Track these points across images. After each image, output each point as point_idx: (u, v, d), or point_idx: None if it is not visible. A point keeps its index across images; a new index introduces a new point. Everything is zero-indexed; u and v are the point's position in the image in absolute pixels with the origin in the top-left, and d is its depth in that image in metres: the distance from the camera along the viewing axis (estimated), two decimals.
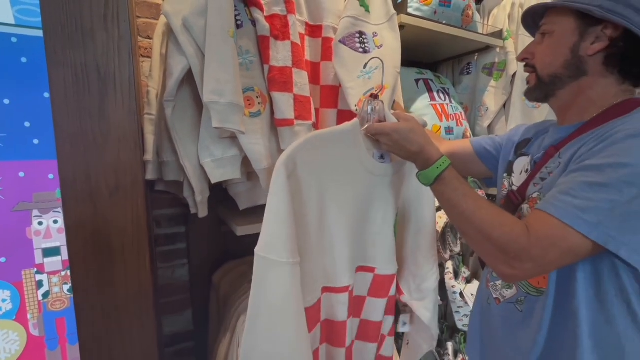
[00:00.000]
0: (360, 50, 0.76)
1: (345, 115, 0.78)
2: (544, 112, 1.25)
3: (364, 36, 0.77)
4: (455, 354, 1.29)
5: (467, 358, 1.29)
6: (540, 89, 0.62)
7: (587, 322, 0.54)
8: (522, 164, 0.69)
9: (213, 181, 0.64)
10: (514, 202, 0.65)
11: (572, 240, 0.48)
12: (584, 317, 0.54)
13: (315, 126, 0.75)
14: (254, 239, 1.19)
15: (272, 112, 0.68)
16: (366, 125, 0.63)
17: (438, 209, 0.98)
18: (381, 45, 0.78)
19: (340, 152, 0.60)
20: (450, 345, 1.27)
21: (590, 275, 0.53)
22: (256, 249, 0.53)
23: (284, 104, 0.66)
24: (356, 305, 0.71)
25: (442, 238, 1.14)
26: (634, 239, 0.46)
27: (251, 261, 1.07)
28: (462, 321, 1.20)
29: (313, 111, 0.74)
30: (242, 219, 0.83)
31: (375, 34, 0.78)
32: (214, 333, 1.01)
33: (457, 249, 1.16)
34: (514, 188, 0.68)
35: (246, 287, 0.92)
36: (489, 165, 0.81)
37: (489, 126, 1.31)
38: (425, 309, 0.76)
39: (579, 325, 0.54)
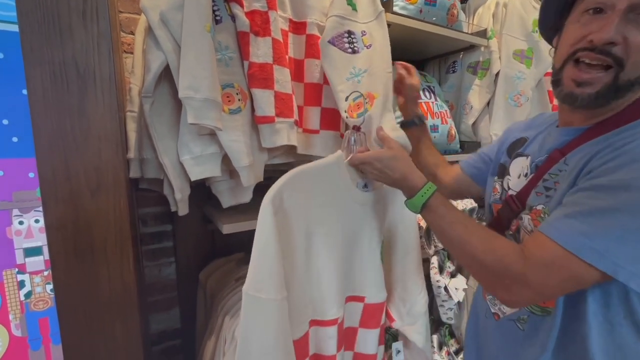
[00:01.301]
0: (349, 50, 0.76)
1: (329, 113, 0.79)
2: (525, 111, 1.28)
3: (352, 36, 0.76)
4: (440, 347, 1.32)
5: (451, 350, 1.32)
6: (610, 93, 0.48)
7: (598, 344, 0.50)
8: (519, 166, 0.63)
9: (192, 179, 0.65)
10: (512, 209, 0.59)
11: (576, 269, 0.43)
12: (594, 340, 0.49)
13: (298, 124, 0.76)
14: (240, 236, 1.19)
15: (253, 109, 0.68)
16: (350, 157, 0.65)
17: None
18: (370, 45, 0.78)
19: (326, 184, 0.62)
20: (435, 338, 1.30)
21: (600, 298, 0.49)
22: (244, 288, 0.54)
23: (264, 101, 0.66)
24: (348, 338, 0.71)
25: (426, 234, 1.16)
26: None
27: (237, 258, 1.08)
28: (446, 314, 1.23)
29: (295, 109, 0.74)
30: (227, 217, 0.83)
31: (363, 33, 0.78)
32: (201, 330, 1.01)
33: (441, 245, 1.19)
34: (512, 192, 0.62)
35: (232, 285, 0.93)
36: (482, 184, 0.77)
37: (474, 124, 1.34)
38: (417, 333, 0.76)
39: (588, 349, 0.50)
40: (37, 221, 0.57)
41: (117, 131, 0.56)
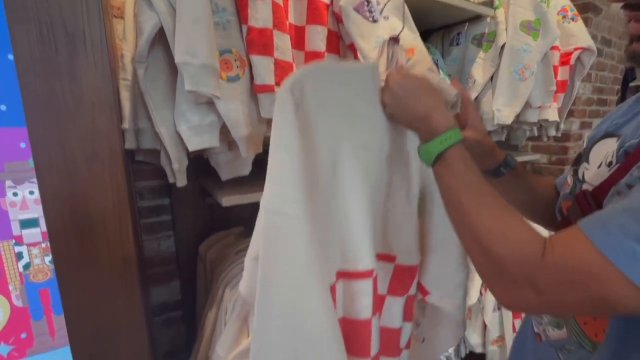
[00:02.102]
0: (370, 19, 0.72)
1: None
2: (529, 85, 1.25)
3: (370, 4, 0.73)
4: None
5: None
6: None
7: None
8: (602, 152, 0.46)
9: (190, 149, 0.63)
10: (583, 210, 0.43)
11: (610, 286, 0.31)
12: None
13: None
14: (239, 210, 1.19)
15: (252, 77, 0.65)
16: (389, 70, 0.50)
17: None
18: (387, 17, 0.75)
19: (358, 95, 0.47)
20: None
21: None
22: (264, 202, 0.42)
23: (264, 69, 0.63)
24: (377, 305, 0.54)
25: None
26: None
27: (237, 232, 1.09)
28: None
29: None
30: (227, 190, 0.82)
31: (378, 2, 0.75)
32: (202, 302, 1.03)
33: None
34: (588, 187, 0.45)
35: (232, 258, 0.93)
36: None
37: (476, 99, 1.31)
38: (454, 307, 0.63)
39: None
40: (31, 192, 0.55)
41: (111, 96, 0.54)
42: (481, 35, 1.26)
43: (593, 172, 0.46)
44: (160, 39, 0.59)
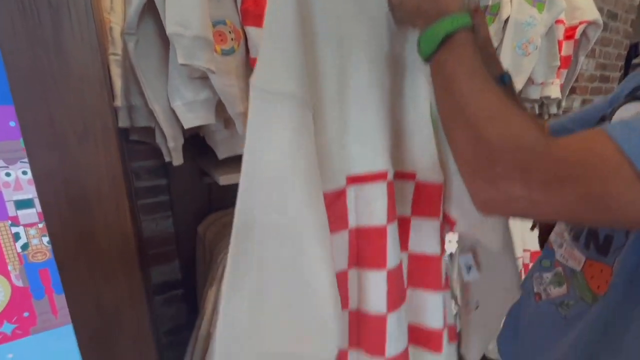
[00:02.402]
0: None
1: None
2: (533, 60, 1.22)
3: None
4: None
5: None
6: None
7: None
8: (630, 113, 0.44)
9: (186, 126, 0.61)
10: None
11: (618, 183, 0.28)
12: None
13: None
14: (237, 189, 1.18)
15: (247, 50, 0.63)
16: None
17: None
18: None
19: None
20: None
21: None
22: (252, 79, 0.37)
23: (260, 41, 0.61)
24: (399, 230, 0.48)
25: None
26: None
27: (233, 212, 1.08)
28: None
29: None
30: (224, 169, 0.81)
31: None
32: (202, 280, 1.04)
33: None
34: None
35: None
36: None
37: None
38: (492, 230, 0.52)
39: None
40: (24, 173, 0.54)
41: (100, 71, 0.51)
42: (484, 8, 1.22)
43: None
44: (150, 9, 0.56)
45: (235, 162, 0.89)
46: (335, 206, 0.43)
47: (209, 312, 0.87)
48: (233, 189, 1.17)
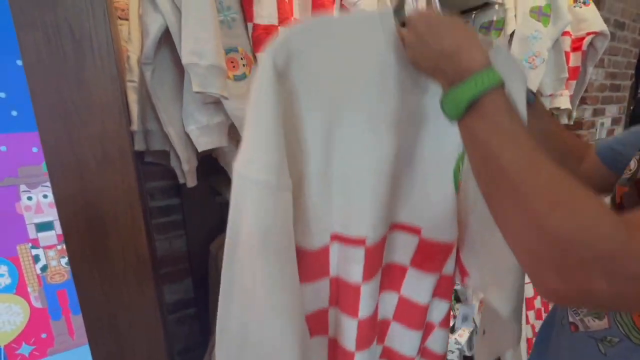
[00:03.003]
0: None
1: None
2: (540, 74, 1.22)
3: None
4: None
5: (456, 313, 1.31)
6: None
7: None
8: None
9: (200, 149, 0.63)
10: None
11: None
12: None
13: None
14: None
15: None
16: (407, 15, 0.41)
17: None
18: None
19: (364, 50, 0.41)
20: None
21: None
22: (235, 163, 0.40)
23: None
24: (392, 276, 0.53)
25: None
26: None
27: None
28: None
29: None
30: None
31: None
32: (215, 299, 1.03)
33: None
34: None
35: None
36: (620, 172, 0.49)
37: None
38: (501, 297, 0.52)
39: None
40: (45, 196, 0.56)
41: (119, 99, 0.54)
42: (489, 23, 1.23)
43: None
44: (166, 40, 0.59)
45: None
46: (319, 259, 0.47)
47: None
48: None
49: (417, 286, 0.53)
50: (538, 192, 0.29)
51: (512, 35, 1.19)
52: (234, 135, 0.68)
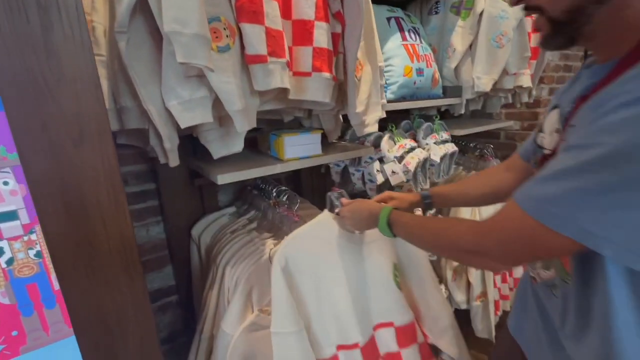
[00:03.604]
0: None
1: (321, 54, 0.75)
2: (507, 52, 1.28)
3: None
4: None
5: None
6: (561, 35, 0.46)
7: (624, 324, 0.45)
8: (552, 121, 0.54)
9: (182, 126, 0.60)
10: None
11: (544, 238, 0.40)
12: (619, 319, 0.45)
13: (289, 65, 0.71)
14: (229, 190, 1.17)
15: (242, 47, 0.62)
16: (337, 210, 0.80)
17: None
18: None
19: (324, 237, 0.75)
20: None
21: (623, 270, 0.43)
22: (271, 328, 0.69)
23: (255, 38, 0.61)
24: (393, 357, 0.80)
25: (414, 178, 1.19)
26: (619, 235, 0.36)
27: (230, 212, 1.07)
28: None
29: (286, 48, 0.69)
30: (220, 168, 0.80)
31: None
32: (198, 285, 1.02)
33: (427, 186, 1.23)
34: (547, 152, 0.55)
35: (229, 237, 0.92)
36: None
37: (456, 68, 1.33)
38: (449, 344, 0.83)
39: (610, 329, 0.46)
40: (6, 183, 0.51)
41: (94, 71, 0.49)
42: (459, 3, 1.27)
43: (548, 139, 0.56)
44: (141, 5, 0.54)
45: (229, 162, 0.88)
46: None
47: (210, 314, 0.86)
48: (225, 191, 1.17)
49: (413, 356, 0.80)
50: (447, 236, 0.55)
51: (481, 14, 1.23)
52: (216, 111, 0.65)
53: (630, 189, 0.35)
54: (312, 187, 1.31)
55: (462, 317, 1.54)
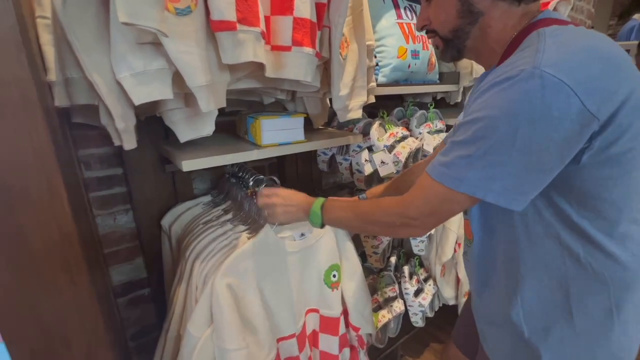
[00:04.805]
0: None
1: (303, 25, 0.66)
2: None
3: None
4: (411, 276, 1.38)
5: (420, 278, 1.39)
6: (451, 48, 0.62)
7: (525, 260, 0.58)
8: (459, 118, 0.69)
9: (136, 102, 0.51)
10: None
11: (448, 197, 0.53)
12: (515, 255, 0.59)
13: (265, 36, 0.62)
14: (205, 176, 1.08)
15: (208, 11, 0.53)
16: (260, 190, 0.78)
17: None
18: None
19: (263, 252, 0.76)
20: (406, 269, 1.35)
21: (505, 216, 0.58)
22: (216, 343, 0.71)
23: (222, 0, 0.52)
24: (314, 339, 0.94)
25: (404, 169, 1.12)
26: (496, 185, 0.49)
27: (204, 202, 0.99)
28: (417, 247, 1.26)
29: (262, 16, 0.60)
30: (187, 153, 0.71)
31: None
32: (170, 278, 0.94)
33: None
34: None
35: (200, 229, 0.85)
36: None
37: None
38: (373, 328, 1.02)
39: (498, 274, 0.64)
40: None
41: (14, 29, 0.40)
42: None
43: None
44: None
45: (199, 147, 0.79)
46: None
47: (178, 312, 0.79)
48: (200, 178, 1.07)
49: (328, 343, 0.94)
50: (376, 214, 0.63)
51: None
52: (180, 86, 0.56)
53: (496, 152, 0.47)
54: (297, 176, 1.23)
55: (450, 314, 1.51)
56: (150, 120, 0.79)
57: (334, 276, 0.90)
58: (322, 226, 0.71)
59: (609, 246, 0.52)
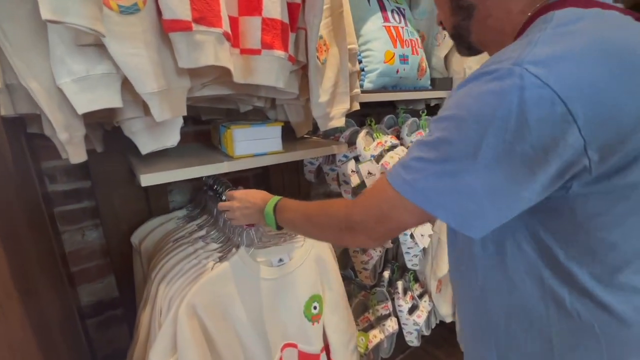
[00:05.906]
0: None
1: (273, 27, 0.60)
2: None
3: None
4: (405, 292, 1.31)
5: (415, 294, 1.32)
6: (459, 45, 0.58)
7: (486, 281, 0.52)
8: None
9: (80, 111, 0.46)
10: None
11: (399, 205, 0.44)
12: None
13: (230, 38, 0.57)
14: (182, 188, 1.02)
15: (159, 10, 0.48)
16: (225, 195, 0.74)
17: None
18: None
19: (236, 277, 0.70)
20: (400, 284, 1.28)
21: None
22: None
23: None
24: None
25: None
26: (450, 201, 0.40)
27: (177, 216, 0.93)
28: (411, 261, 1.19)
29: (225, 17, 0.55)
30: (150, 166, 0.66)
31: None
32: (140, 296, 0.88)
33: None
34: None
35: (170, 247, 0.79)
36: None
37: (446, 57, 1.20)
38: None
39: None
40: None
41: None
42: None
43: None
44: None
45: (170, 156, 0.74)
46: None
47: (142, 337, 0.72)
48: (176, 190, 1.01)
49: None
50: (320, 217, 0.57)
51: None
52: (136, 95, 0.51)
53: (455, 160, 0.39)
54: (284, 187, 1.17)
55: (447, 332, 1.43)
56: (119, 128, 0.74)
57: (315, 308, 0.82)
58: (278, 228, 0.65)
59: (603, 295, 0.42)
